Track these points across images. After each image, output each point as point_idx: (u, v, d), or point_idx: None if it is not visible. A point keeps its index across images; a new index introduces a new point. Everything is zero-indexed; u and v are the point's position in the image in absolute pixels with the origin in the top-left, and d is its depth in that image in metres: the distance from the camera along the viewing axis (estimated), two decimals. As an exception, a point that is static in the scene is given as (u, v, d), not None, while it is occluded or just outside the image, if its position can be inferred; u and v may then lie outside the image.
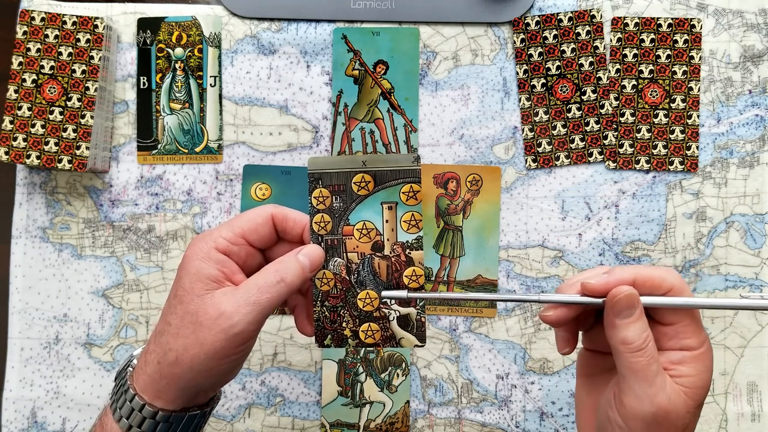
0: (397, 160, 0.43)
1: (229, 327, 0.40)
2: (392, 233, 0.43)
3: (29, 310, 0.60)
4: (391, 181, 0.43)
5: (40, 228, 0.60)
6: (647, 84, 0.60)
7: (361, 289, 0.44)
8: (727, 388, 0.59)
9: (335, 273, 0.44)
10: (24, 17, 0.57)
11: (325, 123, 0.61)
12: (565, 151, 0.60)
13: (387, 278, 0.43)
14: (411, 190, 0.43)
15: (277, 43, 0.61)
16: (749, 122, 0.59)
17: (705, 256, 0.59)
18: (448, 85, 0.61)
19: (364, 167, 0.43)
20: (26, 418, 0.59)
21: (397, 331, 0.44)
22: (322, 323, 0.44)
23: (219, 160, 0.61)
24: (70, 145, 0.57)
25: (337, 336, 0.44)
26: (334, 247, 0.43)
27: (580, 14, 0.60)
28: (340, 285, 0.44)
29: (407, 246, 0.43)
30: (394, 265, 0.43)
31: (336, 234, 0.43)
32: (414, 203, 0.43)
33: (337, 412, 0.59)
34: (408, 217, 0.43)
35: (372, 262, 0.43)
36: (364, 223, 0.43)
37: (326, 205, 0.43)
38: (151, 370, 0.41)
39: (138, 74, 0.61)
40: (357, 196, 0.43)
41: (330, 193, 0.43)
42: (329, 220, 0.43)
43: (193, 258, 0.42)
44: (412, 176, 0.43)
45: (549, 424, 0.59)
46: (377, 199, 0.43)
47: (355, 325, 0.44)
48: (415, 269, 0.43)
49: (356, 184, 0.43)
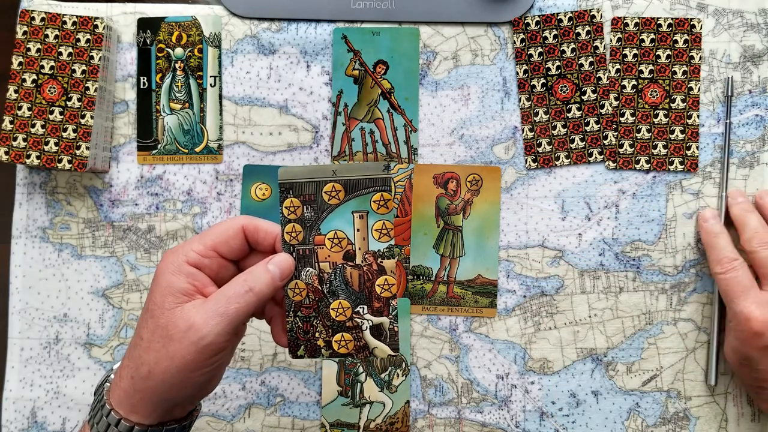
0: (368, 168, 0.43)
1: (198, 339, 0.40)
2: (363, 242, 0.43)
3: (29, 310, 0.60)
4: (362, 190, 0.43)
5: (40, 228, 0.60)
6: (647, 84, 0.60)
7: (333, 299, 0.43)
8: (727, 388, 0.59)
9: (307, 283, 0.43)
10: (24, 17, 0.57)
11: (325, 123, 0.61)
12: (565, 151, 0.60)
13: (359, 288, 0.43)
14: (382, 199, 0.43)
15: (277, 43, 0.61)
16: (749, 122, 0.59)
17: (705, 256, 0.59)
18: (448, 85, 0.61)
19: (335, 176, 0.43)
20: (26, 418, 0.59)
21: (370, 341, 0.44)
22: (295, 333, 0.44)
23: (219, 160, 0.61)
24: (70, 145, 0.57)
25: (311, 346, 0.44)
26: (306, 257, 0.43)
27: (580, 14, 0.60)
28: (312, 295, 0.43)
29: (379, 255, 0.43)
30: (366, 274, 0.43)
31: (307, 244, 0.43)
32: (385, 212, 0.43)
33: (337, 412, 0.59)
34: (379, 226, 0.43)
35: (344, 272, 0.43)
36: (336, 232, 0.43)
37: (297, 215, 0.43)
38: (125, 384, 0.41)
39: (138, 74, 0.61)
40: (328, 205, 0.43)
41: (301, 203, 0.43)
42: (300, 230, 0.43)
43: (164, 272, 0.42)
44: (383, 185, 0.43)
45: (549, 424, 0.59)
46: (348, 208, 0.43)
47: (328, 335, 0.44)
48: (387, 278, 0.43)
49: (327, 194, 0.43)
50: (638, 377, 0.59)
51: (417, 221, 0.60)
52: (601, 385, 0.59)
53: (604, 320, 0.59)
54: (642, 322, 0.59)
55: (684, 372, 0.59)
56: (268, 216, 0.60)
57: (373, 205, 0.43)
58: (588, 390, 0.59)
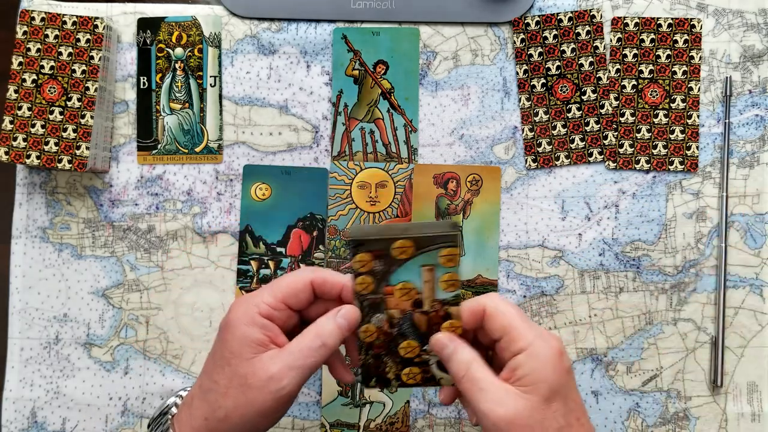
0: (437, 226, 0.46)
1: (278, 390, 0.43)
2: (431, 292, 0.46)
3: (29, 310, 0.60)
4: (430, 246, 0.46)
5: (40, 228, 0.60)
6: (647, 84, 0.60)
7: (402, 340, 0.46)
8: (727, 388, 0.59)
9: (378, 327, 0.46)
10: (24, 17, 0.57)
11: (325, 123, 0.61)
12: (565, 151, 0.60)
13: (426, 329, 0.46)
14: (449, 254, 0.45)
15: (277, 43, 0.61)
16: (749, 122, 0.59)
17: (705, 256, 0.59)
18: (448, 85, 0.61)
19: (405, 234, 0.45)
20: (26, 418, 0.59)
21: (436, 373, 0.46)
22: (367, 368, 0.46)
23: (219, 160, 0.61)
24: (70, 145, 0.57)
25: (382, 379, 0.47)
26: (376, 305, 0.46)
27: (580, 14, 0.60)
28: (383, 337, 0.46)
29: (446, 302, 0.46)
30: (433, 319, 0.46)
31: (377, 294, 0.46)
32: (452, 265, 0.46)
33: (337, 412, 0.59)
34: (447, 278, 0.46)
35: (413, 318, 0.46)
36: (404, 283, 0.46)
37: (368, 269, 0.46)
38: (198, 423, 0.44)
39: (138, 74, 0.61)
40: (397, 260, 0.46)
41: (371, 258, 0.46)
42: (371, 281, 0.46)
43: (238, 323, 0.44)
44: (451, 241, 0.46)
45: (549, 424, 0.59)
46: (417, 262, 0.46)
47: (398, 369, 0.46)
48: (452, 322, 0.45)
49: (397, 249, 0.45)
50: (638, 377, 0.59)
51: (417, 221, 0.60)
52: (601, 385, 0.59)
53: (604, 320, 0.59)
54: (642, 322, 0.59)
55: (684, 372, 0.59)
56: (269, 216, 0.60)
57: (440, 259, 0.45)
58: (588, 390, 0.59)
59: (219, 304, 0.60)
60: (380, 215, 0.60)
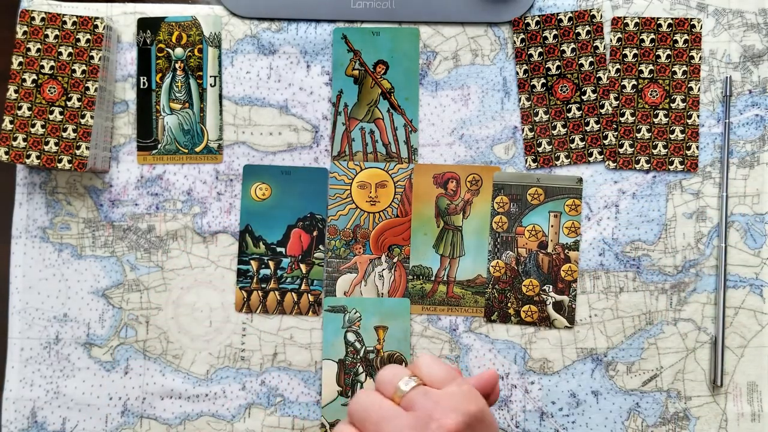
0: (564, 179, 0.57)
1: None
2: (555, 236, 0.56)
3: (29, 310, 0.60)
4: (559, 195, 0.57)
5: (40, 228, 0.60)
6: (647, 84, 0.60)
7: (525, 278, 0.54)
8: (727, 388, 0.59)
9: (506, 263, 0.54)
10: (24, 17, 0.57)
11: (325, 123, 0.61)
12: (565, 151, 0.60)
13: (547, 271, 0.55)
14: (573, 204, 0.56)
15: (277, 43, 0.61)
16: (749, 122, 0.59)
17: (705, 256, 0.59)
18: (448, 85, 0.61)
19: (538, 183, 0.56)
20: (26, 418, 0.59)
21: (551, 314, 0.54)
22: (492, 302, 0.53)
23: (219, 160, 0.61)
24: (70, 145, 0.57)
25: (503, 314, 0.54)
26: (507, 243, 0.55)
27: (580, 14, 0.60)
28: (509, 273, 0.54)
29: (566, 247, 0.55)
30: (554, 261, 0.55)
31: (510, 232, 0.55)
32: (575, 214, 0.56)
33: (337, 412, 0.59)
34: (570, 225, 0.56)
35: (537, 257, 0.54)
36: (534, 225, 0.56)
37: (505, 209, 0.55)
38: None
39: (138, 74, 0.61)
40: (530, 204, 0.55)
41: (509, 200, 0.56)
42: (506, 221, 0.55)
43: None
44: (575, 194, 0.57)
45: (549, 424, 0.59)
46: (545, 208, 0.56)
47: (518, 306, 0.54)
48: (570, 266, 0.55)
49: (530, 195, 0.56)
50: (638, 377, 0.59)
51: (417, 221, 0.60)
52: (601, 385, 0.59)
53: (604, 320, 0.59)
54: (642, 322, 0.59)
55: (684, 372, 0.59)
56: (269, 216, 0.60)
57: (566, 207, 0.56)
58: (588, 390, 0.59)
59: (219, 304, 0.60)
60: (380, 215, 0.60)
